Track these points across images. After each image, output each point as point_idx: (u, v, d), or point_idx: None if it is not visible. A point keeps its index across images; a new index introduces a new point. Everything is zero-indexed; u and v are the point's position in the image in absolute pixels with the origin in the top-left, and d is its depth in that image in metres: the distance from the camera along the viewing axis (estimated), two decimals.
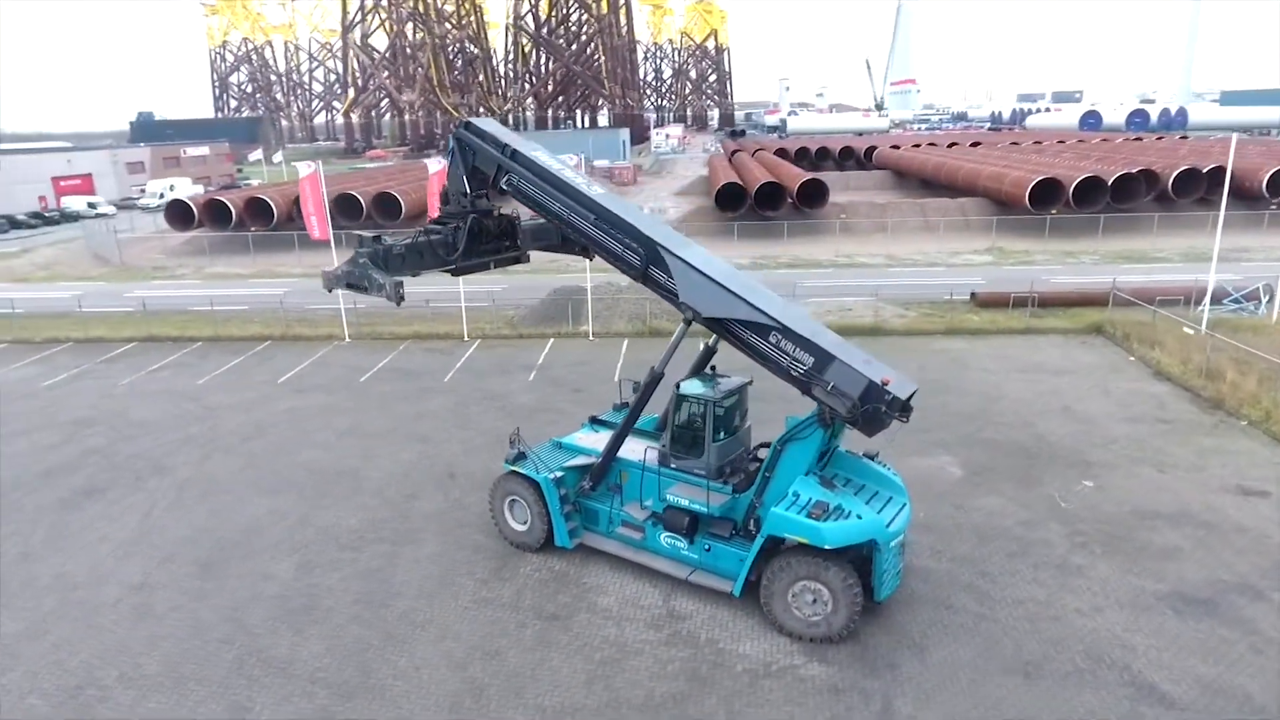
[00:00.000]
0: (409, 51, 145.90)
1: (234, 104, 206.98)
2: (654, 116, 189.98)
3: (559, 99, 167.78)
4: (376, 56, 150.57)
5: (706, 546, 12.96)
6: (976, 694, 10.76)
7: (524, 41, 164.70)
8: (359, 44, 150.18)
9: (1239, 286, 28.48)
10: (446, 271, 15.11)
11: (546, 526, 14.12)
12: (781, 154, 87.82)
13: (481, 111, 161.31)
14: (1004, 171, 50.56)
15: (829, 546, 11.31)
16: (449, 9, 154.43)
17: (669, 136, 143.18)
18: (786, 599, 11.90)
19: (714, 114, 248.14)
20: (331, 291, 14.39)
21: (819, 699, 10.79)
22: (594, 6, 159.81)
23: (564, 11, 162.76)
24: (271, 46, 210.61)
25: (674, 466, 13.40)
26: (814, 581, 11.65)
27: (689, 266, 12.51)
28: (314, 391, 23.56)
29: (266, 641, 12.35)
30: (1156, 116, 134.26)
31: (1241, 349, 21.44)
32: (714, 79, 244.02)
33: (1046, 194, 45.75)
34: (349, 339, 28.50)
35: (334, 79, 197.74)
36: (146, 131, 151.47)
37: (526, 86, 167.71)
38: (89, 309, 33.41)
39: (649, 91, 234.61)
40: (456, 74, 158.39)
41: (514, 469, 14.29)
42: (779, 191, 49.71)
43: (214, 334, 29.19)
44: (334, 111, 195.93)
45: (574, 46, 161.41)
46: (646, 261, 12.84)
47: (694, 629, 12.34)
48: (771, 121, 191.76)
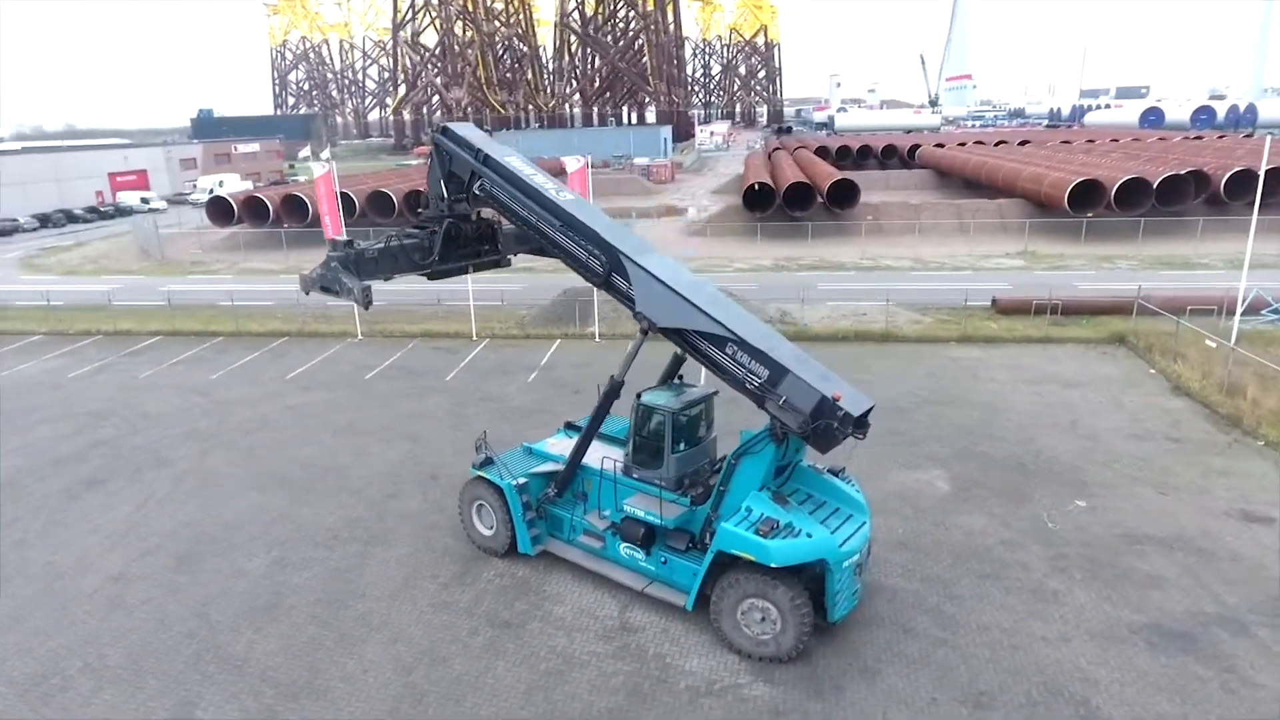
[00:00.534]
0: (457, 49, 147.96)
1: (292, 101, 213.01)
2: (700, 113, 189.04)
3: (605, 96, 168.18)
4: (425, 54, 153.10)
5: (663, 559, 12.81)
6: None
7: (570, 39, 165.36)
8: (409, 42, 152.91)
9: None
10: (423, 275, 15.24)
11: (511, 532, 14.13)
12: (821, 152, 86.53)
13: (529, 109, 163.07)
14: (1045, 172, 48.87)
15: (775, 565, 11.06)
16: (498, 7, 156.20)
17: (713, 133, 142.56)
18: (735, 616, 11.68)
19: (763, 111, 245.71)
20: (308, 294, 14.58)
21: None
22: (640, 3, 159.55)
23: (611, 8, 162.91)
24: (328, 45, 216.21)
25: (635, 476, 13.27)
26: (762, 600, 11.41)
27: (649, 275, 12.35)
28: (319, 388, 24.04)
29: (226, 638, 12.61)
30: (1224, 113, 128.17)
31: (1266, 364, 20.31)
32: (763, 75, 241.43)
33: (1088, 196, 44.08)
34: (361, 336, 29.01)
35: (387, 76, 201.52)
36: (207, 128, 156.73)
37: (573, 84, 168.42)
38: (123, 302, 34.68)
39: (697, 88, 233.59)
40: (505, 71, 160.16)
41: (480, 474, 14.34)
42: (810, 191, 48.94)
43: (235, 329, 30.01)
44: (387, 108, 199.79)
45: (620, 44, 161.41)
46: (609, 269, 12.72)
47: (644, 642, 12.20)
48: (819, 118, 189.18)
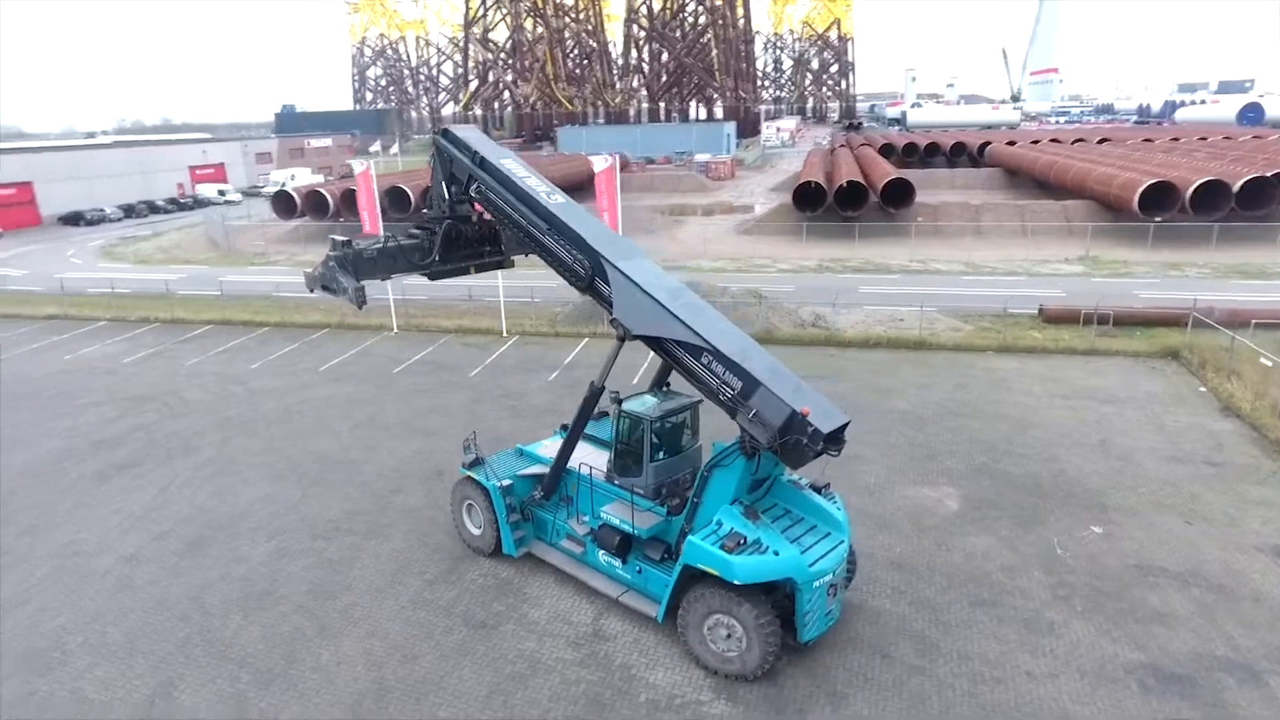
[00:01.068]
0: (526, 46, 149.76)
1: (370, 97, 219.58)
2: (768, 109, 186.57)
3: (672, 91, 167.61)
4: (495, 50, 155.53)
5: (638, 568, 12.68)
6: None
7: (637, 34, 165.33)
8: (479, 38, 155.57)
9: None
10: (424, 275, 15.47)
11: (497, 533, 14.22)
12: (886, 150, 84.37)
13: (597, 104, 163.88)
14: (1116, 172, 46.39)
15: (739, 582, 10.80)
16: (568, 3, 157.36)
17: (780, 130, 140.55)
18: (702, 631, 11.47)
19: (834, 106, 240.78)
20: (313, 292, 14.94)
21: None
22: None
23: (679, 3, 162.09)
24: (405, 42, 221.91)
25: (616, 483, 13.17)
26: (728, 616, 11.17)
27: (629, 281, 12.23)
28: (348, 381, 24.70)
29: (216, 623, 13.08)
30: None
31: None
32: (835, 70, 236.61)
33: (1162, 198, 41.62)
34: (397, 330, 29.68)
35: (460, 72, 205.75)
36: (289, 123, 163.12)
37: (639, 79, 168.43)
38: (184, 292, 36.36)
39: (766, 83, 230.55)
40: (573, 67, 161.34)
41: (468, 474, 14.47)
42: (864, 190, 47.71)
43: (280, 320, 31.10)
44: (459, 103, 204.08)
45: (687, 39, 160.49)
46: (591, 273, 12.66)
47: (613, 652, 12.10)
48: (892, 114, 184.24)
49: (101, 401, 23.75)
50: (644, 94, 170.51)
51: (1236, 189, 40.40)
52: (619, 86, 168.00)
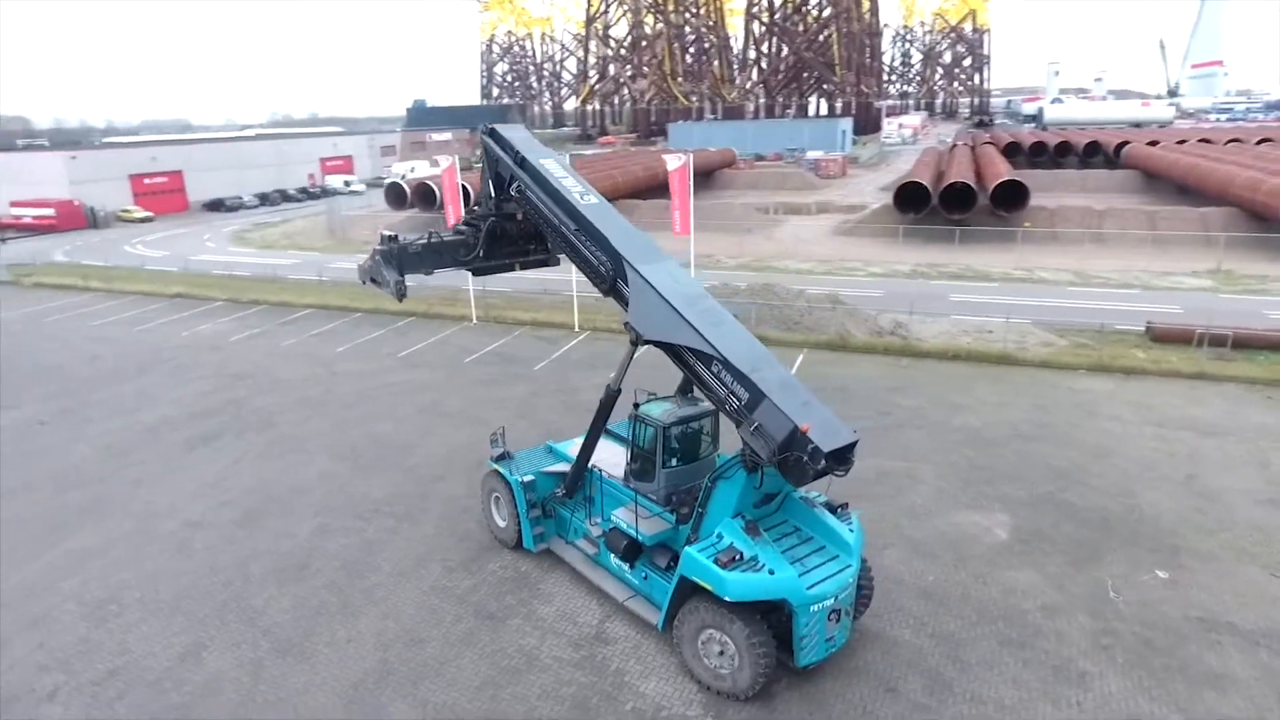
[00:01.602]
0: (645, 42, 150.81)
1: (496, 93, 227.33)
2: (890, 104, 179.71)
3: (790, 86, 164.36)
4: (615, 46, 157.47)
5: (644, 574, 12.57)
6: None
7: (756, 28, 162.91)
8: (599, 34, 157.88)
9: None
10: (468, 270, 15.91)
11: (519, 526, 14.45)
12: (1011, 149, 79.59)
13: (714, 100, 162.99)
14: (1266, 177, 41.85)
15: (729, 599, 10.51)
16: None
17: (902, 126, 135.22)
18: (696, 645, 11.25)
19: (966, 102, 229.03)
20: (364, 284, 15.60)
21: None
22: None
23: None
24: (531, 38, 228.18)
25: (631, 487, 13.10)
26: (720, 632, 10.90)
27: (646, 284, 12.13)
28: (421, 368, 25.73)
29: (254, 591, 13.96)
30: None
31: None
32: (969, 63, 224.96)
33: None
34: (476, 320, 30.64)
35: (582, 68, 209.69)
36: (419, 117, 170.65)
37: (756, 74, 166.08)
38: (294, 276, 38.90)
39: (893, 78, 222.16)
40: (691, 63, 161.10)
41: (495, 467, 14.76)
42: (973, 192, 45.21)
43: (373, 307, 32.73)
44: (579, 99, 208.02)
45: (808, 32, 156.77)
46: (613, 276, 12.64)
47: (611, 656, 12.06)
48: (1029, 110, 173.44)
49: (206, 376, 25.79)
50: (761, 89, 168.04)
51: None
52: (737, 82, 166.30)
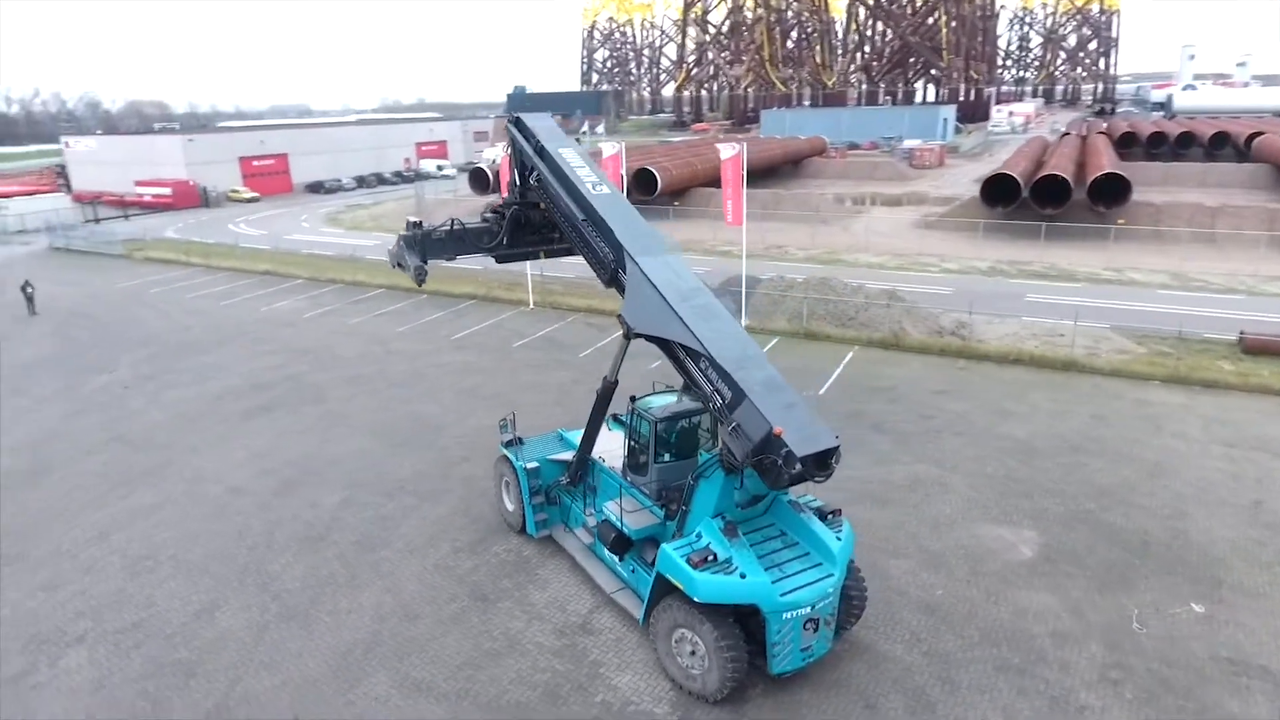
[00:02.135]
0: (744, 27, 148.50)
1: (596, 79, 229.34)
2: (1008, 90, 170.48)
3: (895, 72, 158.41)
4: (714, 32, 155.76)
5: (632, 568, 12.53)
6: None
7: (860, 11, 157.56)
8: (698, 20, 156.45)
9: None
10: (492, 257, 16.14)
11: (524, 511, 14.66)
12: (1126, 139, 74.20)
13: (814, 86, 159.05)
14: None
15: (698, 600, 10.34)
16: None
17: (1012, 114, 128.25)
18: (669, 643, 11.14)
19: (1090, 89, 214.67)
20: (393, 267, 16.09)
21: None
22: None
23: None
24: (631, 25, 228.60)
25: (628, 480, 13.06)
26: (691, 632, 10.75)
27: (643, 277, 12.02)
28: (472, 350, 26.37)
29: (273, 556, 14.73)
30: None
31: None
32: (1094, 47, 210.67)
33: None
34: (533, 305, 31.12)
35: (680, 54, 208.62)
36: (518, 103, 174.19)
37: (859, 59, 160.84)
38: (371, 257, 40.49)
39: (1009, 63, 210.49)
40: (791, 48, 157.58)
41: (504, 452, 14.99)
42: (1067, 185, 42.46)
43: (436, 289, 33.61)
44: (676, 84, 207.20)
45: (914, 15, 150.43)
46: (615, 266, 12.59)
47: (591, 647, 12.10)
48: (1157, 97, 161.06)
49: (275, 350, 27.29)
50: (863, 76, 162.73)
51: None
52: (837, 67, 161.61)
